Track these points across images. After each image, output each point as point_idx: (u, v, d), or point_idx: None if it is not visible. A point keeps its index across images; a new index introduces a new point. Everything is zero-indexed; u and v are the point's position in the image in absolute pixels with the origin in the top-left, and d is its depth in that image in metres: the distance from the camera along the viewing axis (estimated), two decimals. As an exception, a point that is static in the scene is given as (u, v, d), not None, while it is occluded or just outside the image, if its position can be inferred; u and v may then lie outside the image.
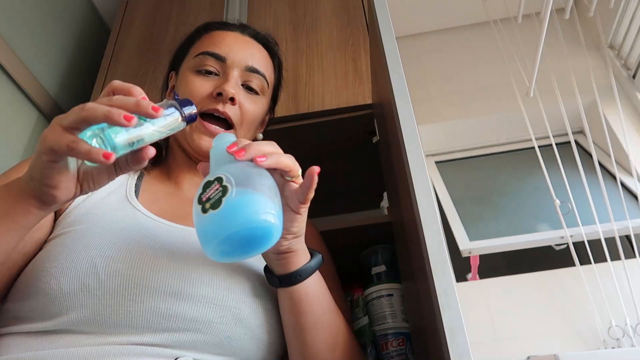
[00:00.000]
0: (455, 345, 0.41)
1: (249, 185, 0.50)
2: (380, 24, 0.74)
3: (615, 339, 1.27)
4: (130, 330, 0.58)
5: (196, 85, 0.78)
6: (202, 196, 0.51)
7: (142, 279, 0.60)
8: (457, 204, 1.74)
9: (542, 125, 1.47)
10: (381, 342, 0.95)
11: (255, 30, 0.89)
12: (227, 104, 0.77)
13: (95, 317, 0.58)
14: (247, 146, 0.53)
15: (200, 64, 0.80)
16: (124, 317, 0.58)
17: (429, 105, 1.93)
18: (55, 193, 0.51)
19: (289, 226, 0.59)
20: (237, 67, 0.80)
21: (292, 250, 0.62)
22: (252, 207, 0.49)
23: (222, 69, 0.80)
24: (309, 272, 0.64)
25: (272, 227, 0.50)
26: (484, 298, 1.43)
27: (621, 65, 1.80)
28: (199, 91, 0.78)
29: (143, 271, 0.61)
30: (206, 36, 0.85)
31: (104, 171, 0.54)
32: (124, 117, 0.47)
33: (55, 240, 0.65)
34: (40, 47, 1.51)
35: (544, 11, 1.26)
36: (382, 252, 1.07)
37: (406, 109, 0.61)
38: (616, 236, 1.34)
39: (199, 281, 0.62)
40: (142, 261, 0.62)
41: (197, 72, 0.80)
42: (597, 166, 1.42)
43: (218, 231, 0.48)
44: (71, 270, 0.59)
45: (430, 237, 0.48)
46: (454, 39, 2.11)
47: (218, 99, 0.77)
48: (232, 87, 0.77)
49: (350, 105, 1.19)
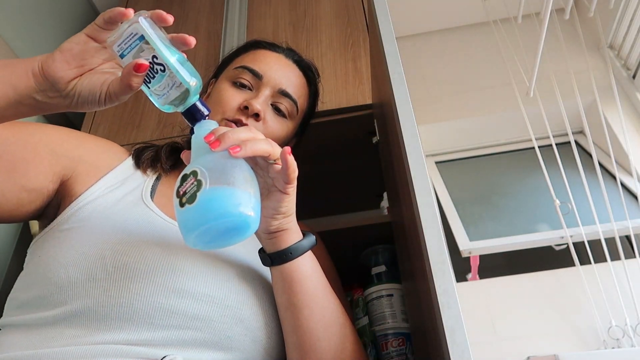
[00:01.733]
0: (455, 345, 0.41)
1: (222, 179, 0.52)
2: (380, 24, 0.74)
3: (615, 339, 1.27)
4: (130, 325, 0.59)
5: (228, 95, 0.81)
6: (179, 189, 0.53)
7: (148, 274, 0.61)
8: (457, 204, 1.74)
9: (542, 126, 1.47)
10: (381, 342, 0.95)
11: (301, 56, 0.93)
12: (250, 119, 0.79)
13: (99, 307, 0.59)
14: (222, 136, 0.53)
15: (237, 76, 0.83)
16: (126, 311, 0.59)
17: (429, 105, 1.93)
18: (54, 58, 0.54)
19: (277, 206, 0.61)
20: (271, 87, 0.83)
21: (282, 229, 0.63)
22: (225, 201, 0.51)
23: (257, 85, 0.83)
24: (300, 250, 0.65)
25: (247, 219, 0.52)
26: (484, 298, 1.43)
27: (621, 65, 1.80)
28: (229, 101, 0.80)
29: (149, 266, 0.62)
30: (252, 52, 0.89)
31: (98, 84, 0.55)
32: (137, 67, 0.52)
33: (67, 232, 0.66)
34: (40, 47, 1.51)
35: (544, 11, 1.26)
36: (382, 252, 1.07)
37: (406, 109, 0.61)
38: (616, 236, 1.34)
39: (201, 280, 0.63)
40: (149, 257, 0.63)
41: (232, 83, 0.83)
42: (597, 166, 1.42)
43: (195, 224, 0.51)
44: (81, 260, 0.61)
45: (430, 237, 0.48)
46: (454, 39, 2.11)
47: (245, 111, 0.79)
48: (259, 103, 0.79)
49: (350, 105, 1.19)
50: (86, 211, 0.68)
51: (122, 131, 1.32)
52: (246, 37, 1.42)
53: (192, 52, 1.00)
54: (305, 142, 1.27)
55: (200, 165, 0.53)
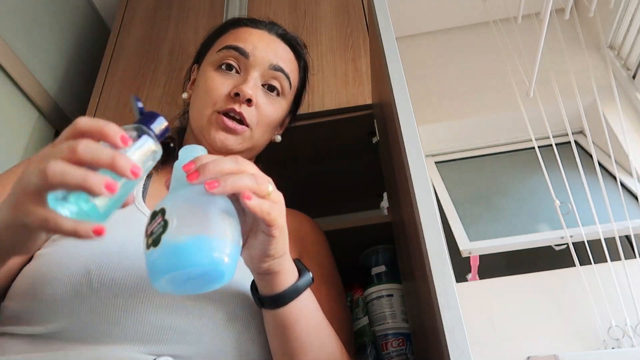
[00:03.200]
0: (455, 345, 0.41)
1: (192, 220, 0.45)
2: (380, 24, 0.74)
3: (615, 339, 1.27)
4: (120, 340, 0.57)
5: (215, 83, 0.78)
6: (147, 228, 0.46)
7: (136, 290, 0.58)
8: (457, 204, 1.74)
9: (542, 126, 1.47)
10: (381, 342, 0.95)
11: (284, 30, 0.87)
12: (243, 105, 0.76)
13: (87, 325, 0.56)
14: (202, 167, 0.46)
15: (222, 59, 0.79)
16: (115, 327, 0.56)
17: (429, 105, 1.93)
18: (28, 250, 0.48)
19: (264, 248, 0.53)
20: (260, 66, 0.79)
21: (273, 271, 0.56)
22: (192, 247, 0.43)
23: (244, 66, 0.79)
24: (294, 295, 0.58)
25: (219, 267, 0.44)
26: (484, 298, 1.43)
27: (621, 65, 1.80)
28: (218, 89, 0.77)
29: (137, 281, 0.58)
30: (233, 31, 0.84)
31: None
32: (106, 186, 0.40)
33: (53, 244, 0.63)
34: (40, 47, 1.51)
35: (543, 11, 1.26)
36: (382, 252, 1.07)
37: (406, 109, 0.61)
38: (616, 236, 1.34)
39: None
40: (137, 270, 0.59)
41: (217, 67, 0.79)
42: (597, 166, 1.42)
43: (160, 270, 0.44)
44: (65, 276, 0.58)
45: (430, 237, 0.48)
46: (454, 39, 2.11)
47: (236, 98, 0.76)
48: (250, 87, 0.76)
49: (350, 106, 1.19)
50: None
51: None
52: (246, 37, 1.42)
53: (192, 53, 1.00)
54: (306, 142, 1.27)
55: (171, 201, 0.46)
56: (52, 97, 1.51)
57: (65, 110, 1.56)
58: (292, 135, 1.25)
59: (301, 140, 1.25)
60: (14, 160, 1.32)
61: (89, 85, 1.51)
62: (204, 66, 0.83)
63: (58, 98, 1.54)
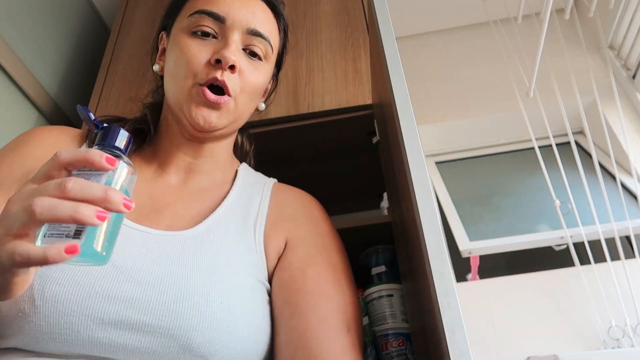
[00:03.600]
0: (455, 345, 0.41)
1: None
2: (380, 24, 0.74)
3: (615, 339, 1.27)
4: (73, 355, 0.54)
5: (193, 51, 0.69)
6: None
7: (80, 305, 0.53)
8: (457, 204, 1.74)
9: (542, 126, 1.47)
10: (381, 342, 0.95)
11: None
12: (225, 72, 0.68)
13: (34, 343, 0.53)
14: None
15: (196, 24, 0.70)
16: (62, 346, 0.53)
17: (429, 105, 1.93)
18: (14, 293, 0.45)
19: None
20: (238, 29, 0.71)
21: None
22: None
23: (221, 30, 0.71)
24: None
25: None
26: (484, 298, 1.43)
27: (621, 65, 1.80)
28: (196, 57, 0.68)
29: (82, 296, 0.54)
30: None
31: None
32: (97, 216, 0.39)
33: None
34: (40, 47, 1.51)
35: (543, 11, 1.26)
36: (382, 252, 1.07)
37: (406, 109, 0.61)
38: (616, 236, 1.34)
39: (142, 307, 0.55)
40: (83, 284, 0.54)
41: (192, 34, 0.70)
42: (597, 166, 1.42)
43: None
44: None
45: (430, 237, 0.48)
46: (454, 39, 2.11)
47: (217, 66, 0.68)
48: (232, 52, 0.68)
49: (350, 106, 1.19)
50: None
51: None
52: (246, 37, 1.42)
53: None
54: (306, 142, 1.27)
55: None
56: (52, 97, 1.51)
57: (65, 110, 1.56)
58: (292, 135, 1.25)
59: (301, 140, 1.25)
60: (14, 160, 1.32)
61: (89, 85, 1.51)
62: (175, 33, 0.73)
63: (58, 98, 1.54)
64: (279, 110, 1.22)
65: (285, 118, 1.21)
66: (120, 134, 0.48)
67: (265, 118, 1.20)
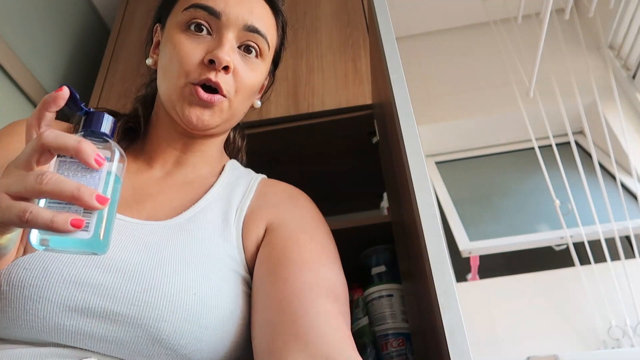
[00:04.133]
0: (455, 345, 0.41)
1: None
2: (380, 24, 0.74)
3: (615, 339, 1.27)
4: (40, 342, 0.53)
5: (186, 50, 0.67)
6: None
7: (46, 290, 0.53)
8: (457, 204, 1.74)
9: (542, 126, 1.47)
10: (381, 342, 0.95)
11: None
12: (220, 73, 0.67)
13: (2, 329, 0.53)
14: None
15: (190, 19, 0.69)
16: (28, 332, 0.52)
17: (429, 105, 1.93)
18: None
19: None
20: (234, 26, 0.69)
21: None
22: None
23: (216, 26, 0.69)
24: None
25: None
26: (484, 298, 1.43)
27: (621, 65, 1.80)
28: (189, 57, 0.67)
29: (49, 281, 0.53)
30: None
31: None
32: (72, 224, 0.40)
33: None
34: (40, 47, 1.51)
35: (543, 12, 1.26)
36: (382, 252, 1.07)
37: (406, 109, 0.61)
38: (616, 236, 1.34)
39: (111, 295, 0.54)
40: (51, 270, 0.54)
41: (186, 28, 0.69)
42: (597, 166, 1.42)
43: None
44: None
45: (430, 237, 0.48)
46: (454, 39, 2.11)
47: (211, 66, 0.66)
48: (226, 53, 0.66)
49: (350, 106, 1.19)
50: None
51: (122, 131, 1.32)
52: (246, 37, 1.42)
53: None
54: (306, 142, 1.27)
55: None
56: (52, 97, 1.51)
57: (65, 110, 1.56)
58: (292, 135, 1.25)
59: (301, 140, 1.25)
60: (14, 160, 1.32)
61: (89, 85, 1.51)
62: (168, 28, 0.72)
63: (58, 98, 1.54)
64: (279, 110, 1.22)
65: (285, 118, 1.21)
66: (105, 118, 0.47)
67: (265, 118, 1.20)
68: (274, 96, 1.25)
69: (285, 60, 0.97)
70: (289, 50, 1.39)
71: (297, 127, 1.21)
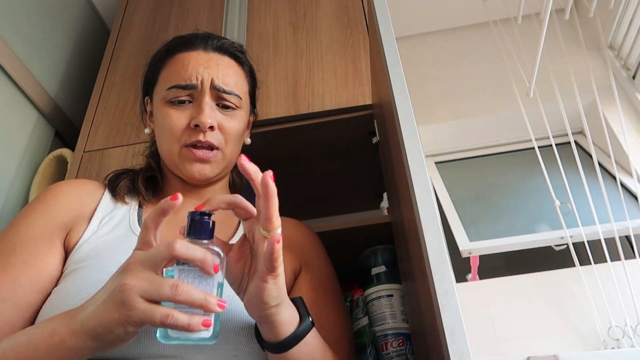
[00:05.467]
0: (455, 345, 0.41)
1: None
2: (380, 25, 0.74)
3: (615, 339, 1.27)
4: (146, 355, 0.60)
5: (173, 119, 0.79)
6: None
7: None
8: (457, 204, 1.74)
9: (542, 126, 1.47)
10: (381, 342, 0.95)
11: (219, 40, 0.87)
12: (207, 132, 0.78)
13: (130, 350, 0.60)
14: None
15: (172, 97, 0.80)
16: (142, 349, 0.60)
17: (429, 105, 1.93)
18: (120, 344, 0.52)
19: (259, 295, 0.55)
20: (208, 90, 0.80)
21: (270, 321, 0.58)
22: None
23: (195, 94, 0.80)
24: (294, 343, 0.60)
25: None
26: (484, 298, 1.43)
27: (621, 65, 1.80)
28: (177, 125, 0.79)
29: None
30: (171, 61, 0.84)
31: None
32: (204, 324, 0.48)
33: (67, 278, 0.67)
34: (40, 48, 1.51)
35: (544, 11, 1.26)
36: (382, 252, 1.07)
37: (406, 109, 0.61)
38: (616, 237, 1.34)
39: None
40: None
41: (170, 103, 0.81)
42: (597, 166, 1.42)
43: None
44: (75, 305, 0.59)
45: (430, 237, 0.48)
46: (454, 39, 2.11)
47: (197, 129, 0.78)
48: (207, 116, 0.78)
49: (350, 106, 1.19)
50: (82, 252, 0.69)
51: (122, 132, 1.32)
52: (246, 37, 1.42)
53: (192, 52, 1.00)
54: (306, 142, 1.27)
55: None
56: (52, 97, 1.51)
57: (65, 110, 1.56)
58: (292, 135, 1.25)
59: (301, 140, 1.25)
60: (12, 160, 1.32)
61: (89, 85, 1.51)
62: (156, 102, 0.84)
63: (58, 98, 1.54)
64: (279, 110, 1.22)
65: (285, 118, 1.21)
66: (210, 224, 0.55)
67: (265, 118, 1.20)
68: (274, 96, 1.25)
69: (285, 60, 0.98)
70: (289, 50, 1.40)
71: (297, 127, 1.21)
